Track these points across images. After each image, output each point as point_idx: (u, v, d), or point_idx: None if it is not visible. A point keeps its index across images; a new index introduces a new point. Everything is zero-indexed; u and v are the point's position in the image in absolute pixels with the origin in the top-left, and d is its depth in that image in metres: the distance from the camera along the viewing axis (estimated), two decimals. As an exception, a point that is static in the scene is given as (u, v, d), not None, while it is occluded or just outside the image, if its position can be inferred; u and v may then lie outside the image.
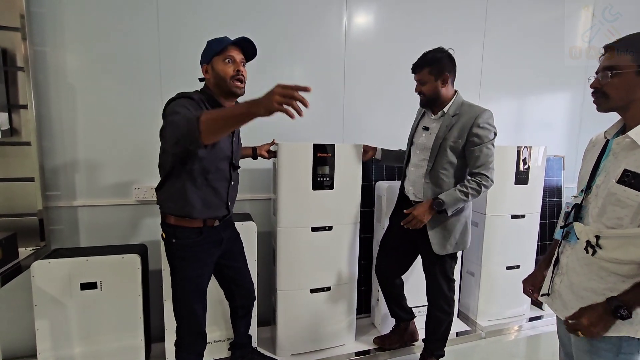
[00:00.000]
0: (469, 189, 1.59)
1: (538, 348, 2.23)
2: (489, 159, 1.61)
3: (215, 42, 1.32)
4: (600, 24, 0.92)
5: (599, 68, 1.05)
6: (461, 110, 1.65)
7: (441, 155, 1.65)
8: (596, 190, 1.03)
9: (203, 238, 1.36)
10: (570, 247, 1.08)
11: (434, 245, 1.68)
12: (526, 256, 2.40)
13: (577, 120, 3.03)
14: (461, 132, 1.61)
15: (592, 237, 0.98)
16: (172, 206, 1.33)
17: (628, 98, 1.00)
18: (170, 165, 1.30)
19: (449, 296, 1.78)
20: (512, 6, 2.64)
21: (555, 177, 2.88)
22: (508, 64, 2.70)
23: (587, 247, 0.99)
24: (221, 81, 1.31)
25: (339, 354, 2.01)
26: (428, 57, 1.64)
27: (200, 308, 1.42)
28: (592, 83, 1.06)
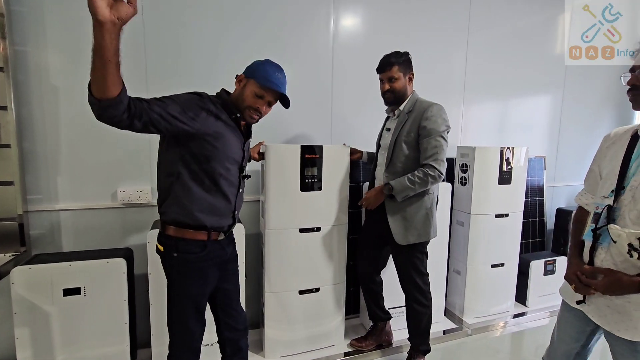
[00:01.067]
0: (415, 177, 1.65)
1: (522, 344, 2.29)
2: (436, 151, 1.65)
3: (264, 72, 1.29)
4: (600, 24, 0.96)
5: (636, 65, 1.02)
6: (414, 107, 1.73)
7: (397, 149, 1.73)
8: (632, 192, 1.00)
9: (207, 253, 1.26)
10: (604, 249, 1.05)
11: (395, 236, 1.73)
12: (510, 254, 2.47)
13: (557, 121, 3.13)
14: (412, 125, 1.70)
15: (634, 240, 0.96)
16: (178, 211, 1.21)
17: None
18: (174, 165, 1.21)
19: (424, 289, 1.81)
20: (494, 12, 2.72)
21: (537, 177, 2.97)
22: (491, 67, 2.77)
23: (630, 251, 0.96)
24: (240, 101, 1.30)
25: (328, 354, 2.02)
26: (396, 55, 1.73)
27: (197, 326, 1.32)
28: (630, 80, 1.03)
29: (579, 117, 3.16)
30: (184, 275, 1.26)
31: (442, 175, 1.68)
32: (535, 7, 2.90)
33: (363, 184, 2.36)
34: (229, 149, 1.27)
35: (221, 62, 2.05)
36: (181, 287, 1.28)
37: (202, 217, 1.24)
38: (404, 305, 2.20)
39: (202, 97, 1.23)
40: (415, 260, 1.79)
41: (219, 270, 1.34)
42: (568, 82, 3.09)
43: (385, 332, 2.07)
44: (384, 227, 1.77)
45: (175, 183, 1.22)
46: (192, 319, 1.30)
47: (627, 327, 1.01)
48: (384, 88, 1.77)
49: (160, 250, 1.28)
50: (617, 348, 1.06)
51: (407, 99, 1.77)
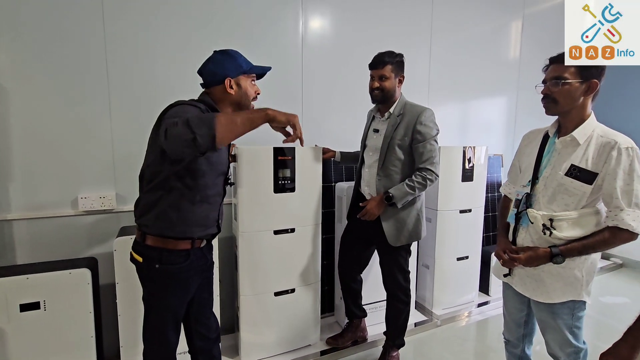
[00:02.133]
0: (415, 182, 1.71)
1: (487, 330, 2.43)
2: (432, 154, 1.73)
3: (242, 61, 1.28)
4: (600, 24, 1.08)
5: (547, 77, 1.21)
6: (405, 110, 1.77)
7: (390, 153, 1.76)
8: (544, 181, 1.22)
9: (190, 262, 1.22)
10: (524, 229, 1.25)
11: (388, 237, 1.77)
12: (473, 247, 2.61)
13: (512, 121, 3.35)
14: (406, 130, 1.74)
15: (546, 220, 1.17)
16: (164, 225, 1.16)
17: (572, 104, 1.17)
18: (167, 179, 1.15)
19: (405, 287, 1.88)
20: (454, 18, 2.86)
21: (496, 174, 3.16)
22: (453, 70, 2.91)
23: (544, 230, 1.17)
24: (244, 99, 1.29)
25: (305, 354, 2.03)
26: (391, 55, 1.74)
27: (174, 336, 1.28)
28: (544, 90, 1.21)
29: (532, 116, 3.40)
30: (165, 286, 1.21)
31: (438, 177, 1.75)
32: (492, 15, 3.09)
33: (335, 183, 2.40)
34: (220, 159, 1.27)
35: (186, 63, 1.99)
36: (162, 299, 1.23)
37: (189, 230, 1.20)
38: (378, 302, 2.29)
39: (201, 110, 1.17)
40: (400, 259, 1.84)
41: (200, 279, 1.31)
42: (521, 83, 3.32)
43: (361, 329, 2.12)
44: (373, 228, 1.80)
45: (165, 197, 1.16)
46: (171, 330, 1.27)
47: (542, 292, 1.23)
48: (373, 85, 1.77)
49: (137, 260, 1.21)
50: (539, 313, 1.27)
51: (396, 101, 1.79)
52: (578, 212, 1.14)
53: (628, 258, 3.50)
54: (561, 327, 1.21)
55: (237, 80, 1.27)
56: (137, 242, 1.23)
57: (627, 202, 1.08)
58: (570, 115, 1.19)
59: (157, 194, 1.17)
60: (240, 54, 1.31)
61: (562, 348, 1.23)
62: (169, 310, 1.24)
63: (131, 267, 1.64)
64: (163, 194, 1.16)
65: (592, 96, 1.18)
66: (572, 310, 1.20)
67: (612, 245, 1.11)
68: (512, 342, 1.43)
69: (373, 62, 1.76)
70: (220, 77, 1.25)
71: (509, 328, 1.44)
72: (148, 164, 1.19)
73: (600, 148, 1.13)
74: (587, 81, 1.14)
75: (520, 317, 1.38)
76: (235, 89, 1.27)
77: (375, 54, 1.77)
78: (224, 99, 1.27)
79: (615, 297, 2.87)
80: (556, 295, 1.20)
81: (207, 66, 1.28)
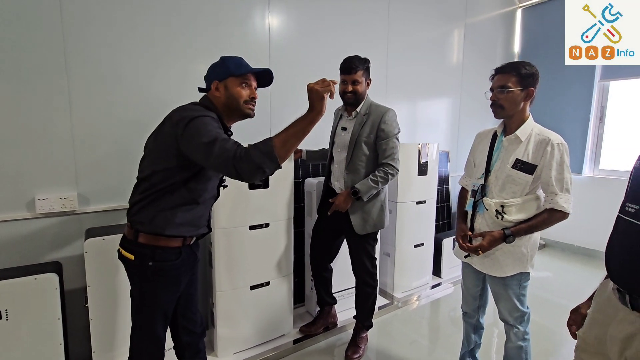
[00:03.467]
0: (378, 177, 1.87)
1: (439, 308, 2.71)
2: (394, 151, 1.90)
3: (233, 64, 1.27)
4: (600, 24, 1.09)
5: (493, 86, 1.42)
6: (370, 109, 1.93)
7: (357, 149, 1.91)
8: (496, 174, 1.45)
9: (181, 259, 1.24)
10: (480, 216, 1.46)
11: (356, 227, 1.92)
12: (428, 235, 2.88)
13: (457, 121, 3.71)
14: (371, 128, 1.89)
15: (499, 207, 1.39)
16: (158, 224, 1.18)
17: (515, 109, 1.40)
18: (173, 183, 1.17)
19: (373, 272, 2.05)
20: (407, 22, 3.09)
21: (443, 169, 3.49)
22: (407, 71, 3.15)
23: (497, 215, 1.38)
24: (233, 102, 1.27)
25: (279, 344, 2.11)
26: (360, 61, 1.86)
27: (163, 333, 1.29)
28: (492, 97, 1.43)
29: (473, 117, 3.80)
30: (158, 283, 1.22)
31: (399, 171, 1.92)
32: (439, 22, 3.38)
33: (303, 180, 2.49)
34: None
35: (150, 59, 1.94)
36: (154, 296, 1.24)
37: (184, 229, 1.23)
38: (346, 289, 2.44)
39: (215, 120, 1.18)
40: (368, 246, 2.00)
41: (189, 275, 1.33)
42: (464, 86, 3.68)
43: (332, 315, 2.26)
44: (342, 220, 1.93)
45: (168, 199, 1.18)
46: (160, 327, 1.28)
47: (497, 268, 1.46)
48: (346, 89, 1.88)
49: (128, 258, 1.21)
50: (494, 286, 1.52)
51: (363, 101, 1.94)
52: (522, 199, 1.38)
53: (549, 239, 4.08)
54: (511, 296, 1.45)
55: (224, 83, 1.26)
56: (128, 240, 1.22)
57: (560, 188, 1.33)
58: (513, 118, 1.42)
59: (159, 196, 1.18)
60: (239, 59, 1.30)
61: (511, 313, 1.47)
62: (160, 307, 1.25)
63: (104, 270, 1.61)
64: (165, 196, 1.18)
65: (530, 101, 1.42)
66: (519, 281, 1.45)
67: (550, 223, 1.36)
68: (469, 313, 1.67)
69: (345, 67, 1.86)
70: (210, 81, 1.28)
71: (466, 301, 1.67)
72: (156, 170, 1.18)
73: (538, 144, 1.37)
74: (526, 89, 1.38)
75: (477, 291, 1.62)
76: (222, 92, 1.27)
77: (345, 59, 1.88)
78: (215, 103, 1.27)
79: (541, 272, 3.35)
80: (508, 270, 1.43)
81: (207, 73, 1.32)
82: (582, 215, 3.66)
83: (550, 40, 3.92)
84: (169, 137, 1.16)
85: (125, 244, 1.23)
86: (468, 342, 1.71)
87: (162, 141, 1.18)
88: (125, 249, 1.22)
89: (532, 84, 1.38)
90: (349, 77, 1.86)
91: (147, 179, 1.20)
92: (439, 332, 2.43)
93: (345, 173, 1.93)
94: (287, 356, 2.06)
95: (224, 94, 1.27)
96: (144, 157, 1.26)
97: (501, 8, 4.00)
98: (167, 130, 1.17)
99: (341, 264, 2.32)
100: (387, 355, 2.10)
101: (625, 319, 0.83)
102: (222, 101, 1.27)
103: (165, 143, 1.17)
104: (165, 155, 1.17)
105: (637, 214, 0.80)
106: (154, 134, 1.24)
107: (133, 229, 1.20)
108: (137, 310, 1.25)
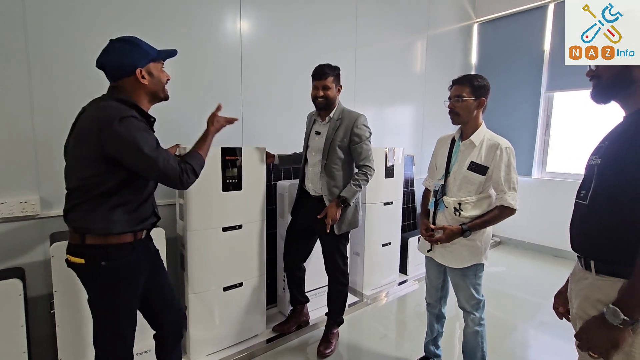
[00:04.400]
0: (359, 180, 1.98)
1: (406, 304, 2.86)
2: (368, 153, 2.01)
3: (147, 47, 1.23)
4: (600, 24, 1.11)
5: (451, 95, 1.58)
6: (343, 115, 2.03)
7: (332, 152, 2.00)
8: (454, 175, 1.59)
9: (135, 254, 1.23)
10: (441, 213, 1.60)
11: (334, 227, 1.99)
12: (395, 234, 3.03)
13: (420, 126, 3.93)
14: (345, 132, 1.99)
15: (456, 204, 1.53)
16: (104, 225, 1.15)
17: (469, 116, 1.56)
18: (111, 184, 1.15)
19: (344, 270, 2.13)
20: (374, 31, 3.25)
21: (408, 172, 3.68)
22: (374, 78, 3.31)
23: (455, 212, 1.53)
24: (159, 86, 1.26)
25: (252, 344, 2.14)
26: (330, 68, 1.96)
27: (131, 332, 1.28)
28: (449, 105, 1.58)
29: (436, 121, 4.03)
30: (116, 282, 1.20)
31: (375, 170, 2.02)
32: (404, 33, 3.58)
33: (275, 182, 2.54)
34: None
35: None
36: (114, 296, 1.21)
37: (133, 224, 1.22)
38: (318, 288, 2.52)
39: (140, 121, 1.17)
40: (340, 245, 2.08)
41: (149, 268, 1.32)
42: (427, 92, 3.91)
43: (304, 314, 2.32)
44: (319, 222, 1.99)
45: (105, 201, 1.15)
46: (127, 326, 1.27)
47: (456, 260, 1.61)
48: (317, 94, 1.96)
49: (78, 263, 1.17)
50: (454, 277, 1.67)
51: (336, 107, 2.02)
52: (477, 197, 1.54)
53: (504, 236, 4.41)
54: (468, 286, 1.60)
55: (147, 69, 1.22)
56: (74, 245, 1.18)
57: (508, 187, 1.50)
58: (468, 124, 1.58)
59: (98, 200, 1.15)
60: (142, 40, 1.24)
61: (468, 301, 1.62)
62: (123, 306, 1.23)
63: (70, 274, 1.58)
64: (104, 199, 1.15)
65: (482, 109, 1.58)
66: (475, 272, 1.60)
67: (501, 218, 1.52)
68: (432, 304, 1.80)
69: (316, 73, 1.95)
70: (129, 68, 1.19)
71: (430, 293, 1.80)
72: (85, 178, 1.14)
73: (489, 148, 1.53)
74: (478, 99, 1.54)
75: (439, 283, 1.76)
76: (148, 79, 1.22)
77: (317, 66, 1.97)
78: (137, 90, 1.22)
79: (497, 267, 3.62)
80: (465, 261, 1.58)
81: (109, 58, 1.19)
82: (532, 214, 4.01)
83: (503, 52, 4.27)
84: (92, 140, 1.11)
85: (73, 250, 1.18)
86: (431, 331, 1.85)
87: (84, 145, 1.13)
88: (73, 255, 1.18)
89: (484, 94, 1.55)
90: (319, 83, 1.95)
91: (79, 188, 1.16)
92: (406, 326, 2.57)
93: (321, 176, 2.01)
94: (260, 355, 2.10)
95: (149, 80, 1.23)
96: (68, 166, 1.20)
97: (459, 22, 4.29)
98: (87, 132, 1.12)
99: (314, 264, 2.40)
100: (357, 350, 2.19)
101: (581, 277, 0.99)
102: (148, 88, 1.24)
103: (88, 147, 1.12)
104: (90, 161, 1.13)
105: (584, 196, 0.99)
106: (74, 138, 1.18)
107: (78, 233, 1.16)
108: (98, 315, 1.22)
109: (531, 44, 4.04)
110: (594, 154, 0.99)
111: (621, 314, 0.82)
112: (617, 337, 0.83)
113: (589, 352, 0.88)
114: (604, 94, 0.99)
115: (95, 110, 1.16)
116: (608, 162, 0.92)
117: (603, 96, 0.99)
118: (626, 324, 0.82)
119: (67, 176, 1.20)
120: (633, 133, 0.87)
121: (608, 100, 0.99)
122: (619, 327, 0.83)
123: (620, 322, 0.82)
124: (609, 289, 0.89)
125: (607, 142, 0.96)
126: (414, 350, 2.11)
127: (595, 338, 0.87)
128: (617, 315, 0.82)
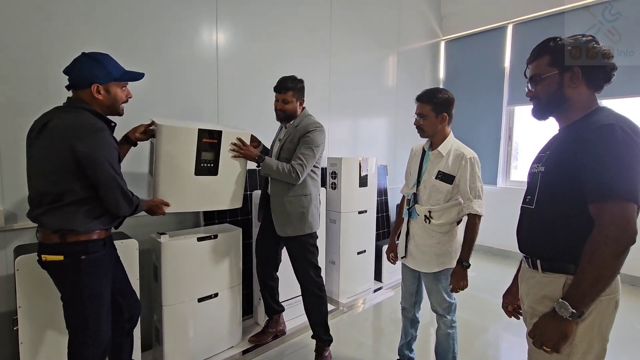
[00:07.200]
0: (283, 167, 1.88)
1: (381, 311, 2.91)
2: (303, 157, 1.89)
3: (112, 67, 1.32)
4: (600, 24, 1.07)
5: (416, 112, 1.67)
6: (302, 122, 2.01)
7: (282, 155, 1.98)
8: (424, 184, 1.66)
9: (107, 249, 1.36)
10: (414, 221, 1.68)
11: (276, 228, 1.98)
12: (369, 242, 3.10)
13: (393, 137, 4.06)
14: (294, 136, 1.96)
15: (427, 212, 1.62)
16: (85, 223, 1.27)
17: (434, 130, 1.65)
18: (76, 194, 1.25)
19: (318, 282, 2.06)
20: (347, 44, 3.37)
21: (382, 181, 3.78)
22: (348, 91, 3.41)
23: (425, 219, 1.61)
24: (114, 103, 1.35)
25: (228, 356, 2.11)
26: (292, 82, 1.96)
27: (107, 325, 1.35)
28: (415, 122, 1.67)
29: (408, 132, 4.19)
30: (94, 275, 1.30)
31: (300, 178, 1.89)
32: (376, 49, 3.73)
33: (251, 192, 2.55)
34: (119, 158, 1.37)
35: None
36: (93, 289, 1.30)
37: (107, 224, 1.36)
38: (293, 297, 2.52)
39: (105, 131, 1.28)
40: (307, 253, 2.03)
41: (114, 260, 1.48)
42: (399, 104, 4.06)
43: (280, 323, 2.31)
44: (272, 225, 1.98)
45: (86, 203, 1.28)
46: (105, 318, 1.34)
47: (427, 265, 1.69)
48: (277, 106, 1.99)
49: (56, 260, 1.24)
50: (427, 282, 1.75)
51: (299, 116, 2.02)
52: (445, 205, 1.62)
53: (473, 243, 4.58)
54: (440, 290, 1.67)
55: (106, 87, 1.31)
56: (51, 245, 1.25)
57: (474, 195, 1.59)
58: (436, 136, 1.68)
59: (79, 204, 1.26)
60: (111, 59, 1.33)
61: (440, 305, 1.69)
62: (101, 297, 1.32)
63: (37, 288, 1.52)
64: (85, 203, 1.27)
65: (448, 122, 1.67)
66: (446, 276, 1.67)
67: (477, 227, 1.57)
68: (407, 308, 1.86)
69: (277, 86, 1.97)
70: (87, 82, 1.28)
71: (405, 298, 1.86)
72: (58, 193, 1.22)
73: (455, 158, 1.62)
74: (440, 114, 1.63)
75: (413, 288, 1.83)
76: (104, 95, 1.31)
77: (280, 78, 1.99)
78: (92, 102, 1.30)
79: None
80: (437, 266, 1.65)
81: (74, 69, 1.28)
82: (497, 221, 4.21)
83: (468, 68, 4.53)
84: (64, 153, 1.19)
85: (49, 249, 1.25)
86: (406, 335, 1.90)
87: (54, 157, 1.20)
88: (50, 254, 1.24)
89: (446, 109, 1.63)
90: (279, 96, 1.97)
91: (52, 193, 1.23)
92: (383, 333, 2.61)
93: (271, 178, 1.99)
94: (237, 367, 2.07)
95: (105, 96, 1.32)
96: (34, 172, 1.25)
97: (428, 40, 4.53)
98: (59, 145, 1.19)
99: (289, 273, 2.40)
100: (336, 358, 2.18)
101: (529, 276, 1.08)
102: (102, 103, 1.32)
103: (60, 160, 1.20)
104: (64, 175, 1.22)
105: (530, 201, 1.08)
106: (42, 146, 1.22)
107: (57, 233, 1.24)
108: (78, 310, 1.28)
109: (493, 61, 4.32)
110: (536, 162, 1.09)
111: (569, 307, 0.90)
112: (566, 330, 0.92)
113: (542, 347, 0.95)
114: (542, 111, 1.08)
115: (70, 120, 1.23)
116: (551, 169, 1.01)
117: (542, 113, 1.08)
118: (574, 316, 0.90)
119: (32, 183, 1.26)
120: (570, 143, 0.97)
121: (546, 116, 1.08)
122: (567, 319, 0.91)
123: (569, 314, 0.90)
124: (554, 285, 0.98)
125: (549, 152, 1.05)
126: (390, 357, 2.15)
127: (546, 332, 0.95)
128: (566, 308, 0.90)
